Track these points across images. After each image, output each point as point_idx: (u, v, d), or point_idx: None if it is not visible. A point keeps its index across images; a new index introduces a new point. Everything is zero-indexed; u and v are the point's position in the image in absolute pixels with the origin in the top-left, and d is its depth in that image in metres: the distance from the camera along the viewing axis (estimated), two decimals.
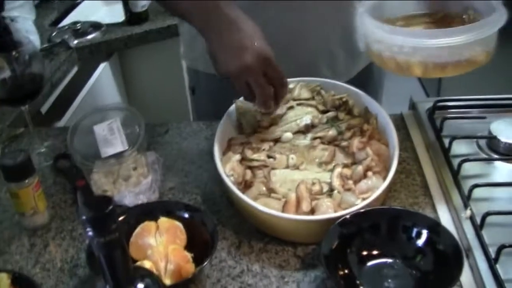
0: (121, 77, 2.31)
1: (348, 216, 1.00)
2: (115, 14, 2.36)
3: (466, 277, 0.97)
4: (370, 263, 0.98)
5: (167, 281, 0.95)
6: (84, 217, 0.67)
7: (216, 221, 1.11)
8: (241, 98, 1.30)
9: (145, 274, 0.80)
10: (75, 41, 2.08)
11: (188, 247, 1.02)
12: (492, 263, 0.95)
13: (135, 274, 0.77)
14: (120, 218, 1.06)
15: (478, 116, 1.32)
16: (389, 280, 0.96)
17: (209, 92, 1.60)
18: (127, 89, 2.37)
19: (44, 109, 1.81)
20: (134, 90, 2.39)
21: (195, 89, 1.66)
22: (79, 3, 2.52)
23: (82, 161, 1.19)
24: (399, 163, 1.23)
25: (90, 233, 0.68)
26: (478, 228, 1.02)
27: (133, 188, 1.19)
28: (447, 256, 0.95)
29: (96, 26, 2.23)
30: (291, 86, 1.35)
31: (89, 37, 2.15)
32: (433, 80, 3.77)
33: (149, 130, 1.42)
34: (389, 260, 0.99)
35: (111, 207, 0.68)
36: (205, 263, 0.96)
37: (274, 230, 1.06)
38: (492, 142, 1.23)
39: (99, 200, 0.70)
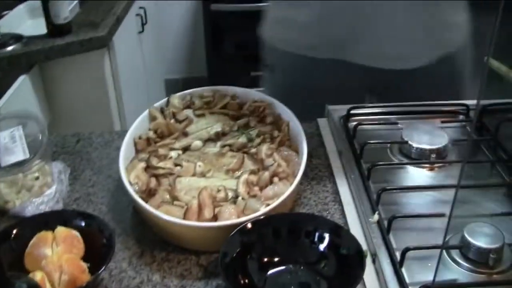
0: (42, 89, 2.25)
1: (248, 223, 0.96)
2: (40, 27, 2.30)
3: (372, 282, 0.95)
4: (272, 271, 0.95)
5: None
6: None
7: (119, 230, 1.08)
8: (155, 105, 1.28)
9: (24, 284, 0.76)
10: None
11: (87, 256, 0.98)
12: (397, 267, 0.94)
13: (11, 284, 0.73)
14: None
15: (391, 122, 1.32)
16: (292, 287, 0.93)
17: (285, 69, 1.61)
18: (50, 101, 2.31)
19: None
20: (57, 102, 2.33)
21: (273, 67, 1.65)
22: (3, 15, 2.45)
23: None
24: (311, 169, 1.22)
25: None
26: (385, 232, 1.01)
27: (35, 198, 1.14)
28: (350, 259, 0.93)
29: (17, 38, 2.16)
30: (205, 94, 1.33)
31: (9, 48, 2.09)
32: None
33: (60, 140, 1.38)
34: (292, 267, 0.96)
35: None
36: (99, 272, 0.92)
37: (176, 238, 1.03)
38: (404, 147, 1.23)
39: None
